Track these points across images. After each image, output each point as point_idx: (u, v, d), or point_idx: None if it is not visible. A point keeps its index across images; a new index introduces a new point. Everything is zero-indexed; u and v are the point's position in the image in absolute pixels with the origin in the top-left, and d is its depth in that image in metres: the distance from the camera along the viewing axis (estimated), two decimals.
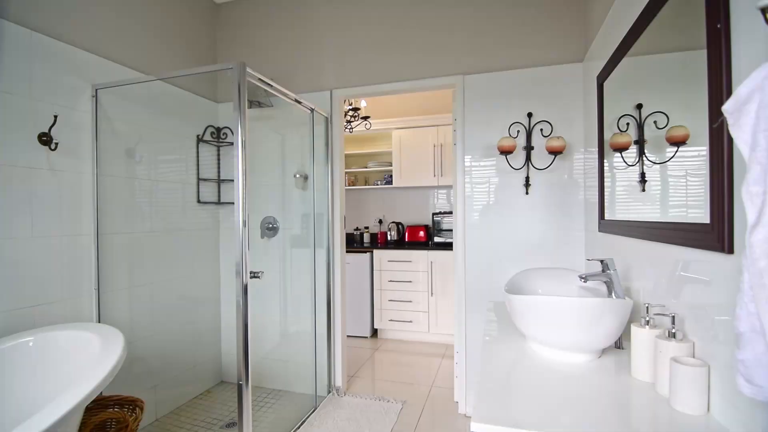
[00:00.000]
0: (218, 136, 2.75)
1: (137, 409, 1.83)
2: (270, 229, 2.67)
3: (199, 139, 2.62)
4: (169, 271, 2.40)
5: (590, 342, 1.12)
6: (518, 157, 2.24)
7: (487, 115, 2.32)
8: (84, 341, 1.49)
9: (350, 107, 3.66)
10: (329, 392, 2.62)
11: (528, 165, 2.23)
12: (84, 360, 1.42)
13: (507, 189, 2.30)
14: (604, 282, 1.30)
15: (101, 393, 1.81)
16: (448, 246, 3.77)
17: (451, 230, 3.90)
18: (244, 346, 1.61)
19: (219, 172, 2.75)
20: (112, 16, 2.07)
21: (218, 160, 2.75)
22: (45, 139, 1.71)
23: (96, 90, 1.94)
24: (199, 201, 2.62)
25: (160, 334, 2.33)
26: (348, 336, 3.87)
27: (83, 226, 1.91)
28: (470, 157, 2.36)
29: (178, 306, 2.46)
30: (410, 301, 3.80)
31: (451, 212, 4.00)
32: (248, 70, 1.69)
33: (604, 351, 1.21)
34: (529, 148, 2.22)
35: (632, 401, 0.93)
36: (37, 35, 1.71)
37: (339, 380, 2.64)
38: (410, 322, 3.80)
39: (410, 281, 3.80)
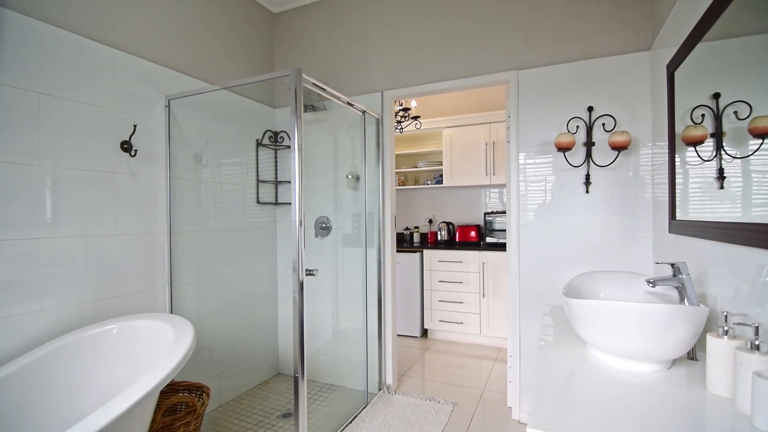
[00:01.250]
0: (275, 140, 2.88)
1: (204, 394, 1.98)
2: (323, 228, 2.75)
3: (258, 143, 2.76)
4: (231, 267, 2.56)
5: (658, 351, 1.04)
6: (577, 154, 2.13)
7: (543, 111, 2.24)
8: (159, 330, 1.64)
9: (401, 107, 3.68)
10: (380, 389, 2.65)
11: (588, 162, 2.12)
12: (159, 347, 1.56)
13: (565, 187, 2.20)
14: (675, 287, 1.20)
15: (173, 378, 1.98)
16: (500, 247, 3.67)
17: (503, 230, 3.80)
18: (300, 341, 1.68)
19: (276, 174, 2.89)
20: (182, 31, 2.24)
21: (275, 162, 2.89)
22: (126, 146, 1.90)
23: (169, 100, 2.12)
24: (258, 202, 2.76)
25: (224, 326, 2.49)
26: (398, 335, 3.90)
27: (158, 225, 2.09)
28: (524, 154, 2.29)
29: (239, 300, 2.62)
30: (461, 303, 3.75)
31: (504, 212, 3.89)
32: (303, 75, 1.76)
33: (674, 362, 1.12)
34: (589, 144, 2.11)
35: (707, 417, 0.86)
36: (119, 53, 1.90)
37: (390, 378, 2.67)
38: (461, 323, 3.75)
39: (461, 282, 3.75)
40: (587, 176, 2.13)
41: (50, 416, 1.49)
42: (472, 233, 4.07)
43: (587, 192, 2.14)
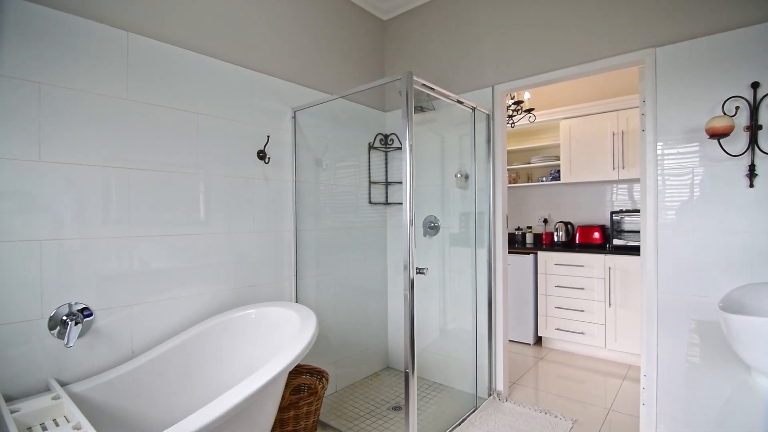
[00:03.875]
0: (386, 143, 3.00)
1: (323, 379, 2.15)
2: (431, 227, 2.77)
3: (370, 146, 2.91)
4: (346, 263, 2.75)
5: None
6: (736, 141, 1.77)
7: (687, 93, 1.91)
8: (288, 317, 1.84)
9: (512, 101, 3.50)
10: (489, 395, 2.57)
11: (753, 149, 1.74)
12: (288, 332, 1.75)
13: (718, 181, 1.84)
14: None
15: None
16: (630, 250, 3.24)
17: (635, 231, 3.35)
18: (411, 337, 1.72)
19: (386, 175, 3.00)
20: (304, 48, 2.48)
21: (386, 164, 3.00)
22: (261, 154, 2.18)
23: (295, 112, 2.37)
24: (370, 202, 2.91)
25: (339, 318, 2.68)
26: (509, 341, 3.72)
27: (285, 224, 2.35)
28: (662, 144, 1.98)
29: (352, 294, 2.79)
30: (582, 311, 3.42)
31: (635, 210, 3.43)
32: (414, 77, 1.79)
33: None
34: (754, 128, 1.73)
35: None
36: (256, 74, 2.19)
37: (500, 385, 2.57)
38: (582, 333, 3.41)
39: (582, 288, 3.41)
40: (751, 167, 1.75)
41: (203, 383, 1.78)
42: (596, 234, 3.68)
43: (751, 186, 1.77)
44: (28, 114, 1.45)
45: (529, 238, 4.14)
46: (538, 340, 3.77)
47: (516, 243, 4.18)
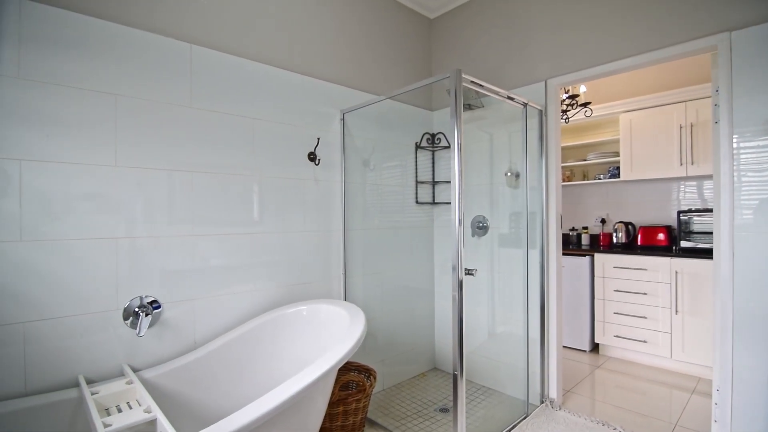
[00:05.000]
0: (433, 142, 2.98)
1: (371, 376, 2.18)
2: (480, 228, 2.71)
3: (417, 146, 2.90)
4: (393, 262, 2.76)
5: None
6: None
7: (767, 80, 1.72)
8: (337, 314, 1.88)
9: (567, 95, 3.34)
10: (542, 402, 2.47)
11: None
12: (338, 329, 1.79)
13: None
14: None
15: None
16: (700, 253, 2.98)
17: (705, 233, 3.07)
18: (459, 339, 1.70)
19: (433, 174, 2.98)
20: (352, 51, 2.52)
21: (432, 163, 2.98)
22: (312, 156, 2.25)
23: (343, 114, 2.42)
24: (416, 202, 2.90)
25: (386, 316, 2.70)
26: (563, 347, 3.56)
27: (334, 223, 2.40)
28: (738, 136, 1.80)
29: (399, 294, 2.80)
30: (645, 318, 3.19)
31: (707, 210, 3.15)
32: (463, 75, 1.77)
33: None
34: None
35: None
36: (307, 78, 2.26)
37: (553, 392, 2.46)
38: (644, 342, 3.19)
39: (645, 293, 3.19)
40: None
41: (257, 375, 1.87)
42: (660, 236, 3.42)
43: None
44: (106, 123, 1.59)
45: (584, 239, 3.93)
46: (595, 347, 3.57)
47: (570, 244, 3.99)
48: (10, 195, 1.40)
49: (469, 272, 1.78)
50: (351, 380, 2.22)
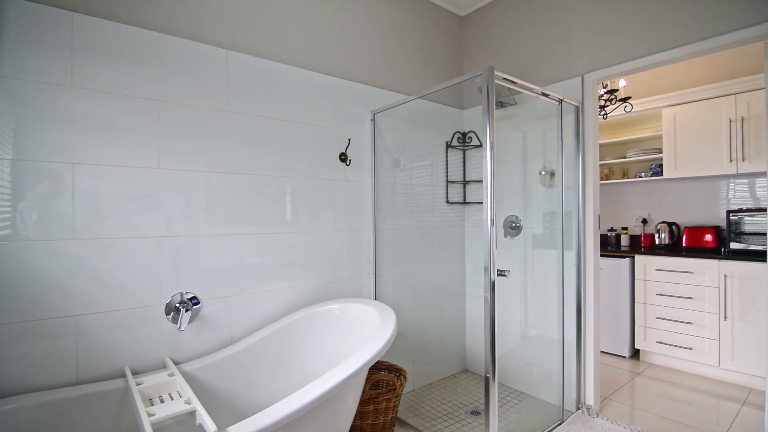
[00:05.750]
0: (464, 141, 2.94)
1: (401, 376, 2.18)
2: (513, 228, 2.66)
3: (448, 145, 2.87)
4: (423, 262, 2.74)
5: None
6: None
7: None
8: (368, 314, 1.89)
9: (605, 90, 3.22)
10: (578, 408, 2.39)
11: None
12: (368, 328, 1.80)
13: None
14: None
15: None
16: (752, 255, 2.79)
17: (758, 234, 2.87)
18: (491, 342, 1.67)
19: (464, 173, 2.94)
20: (382, 51, 2.53)
21: (463, 162, 2.95)
22: (343, 157, 2.27)
23: (374, 114, 2.43)
24: (447, 201, 2.88)
25: (417, 317, 2.69)
26: (601, 351, 3.44)
27: (365, 223, 2.42)
28: None
29: (429, 294, 2.78)
30: (690, 323, 3.02)
31: (760, 209, 2.94)
32: (495, 72, 1.73)
33: None
34: None
35: None
36: (338, 80, 2.29)
37: (590, 398, 2.38)
38: (689, 349, 3.02)
39: (690, 297, 3.02)
40: None
41: (291, 370, 1.91)
42: (707, 237, 3.23)
43: None
44: (150, 127, 1.68)
45: (624, 240, 3.77)
46: (635, 353, 3.41)
47: (609, 245, 3.83)
48: (64, 196, 1.50)
49: (501, 273, 1.75)
50: (381, 379, 2.22)
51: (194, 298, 1.78)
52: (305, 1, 2.17)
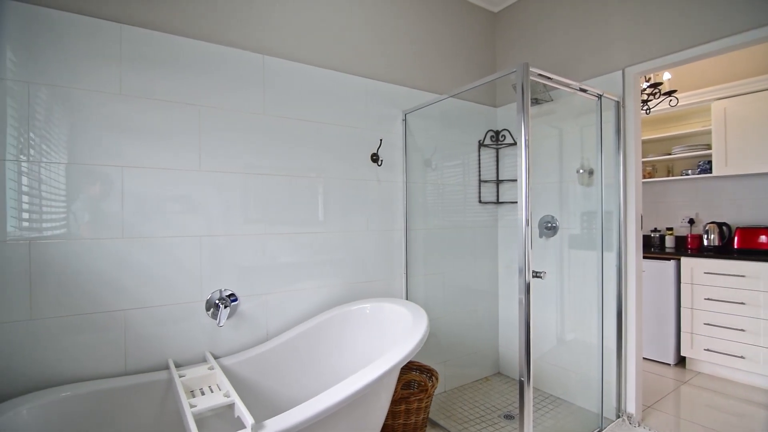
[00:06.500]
0: (497, 139, 2.88)
1: (433, 377, 2.17)
2: (549, 228, 2.58)
3: (480, 144, 2.82)
4: (455, 263, 2.71)
5: None
6: None
7: None
8: (400, 313, 1.89)
9: (647, 83, 3.07)
10: (618, 417, 2.29)
11: None
12: (400, 328, 1.80)
13: None
14: None
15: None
16: None
17: None
18: (526, 345, 1.63)
19: (497, 172, 2.89)
20: (414, 51, 2.52)
21: (497, 161, 2.89)
22: (374, 157, 2.28)
23: (405, 114, 2.43)
24: (480, 201, 2.83)
25: (449, 317, 2.66)
26: (643, 358, 3.28)
27: (396, 223, 2.42)
28: None
29: (461, 295, 2.75)
30: (742, 330, 2.83)
31: None
32: (530, 68, 1.69)
33: None
34: None
35: None
36: (370, 81, 2.30)
37: (631, 407, 2.27)
38: (741, 357, 2.83)
39: (743, 303, 2.83)
40: None
41: (323, 368, 1.94)
42: (763, 238, 3.01)
43: None
44: (191, 131, 1.75)
45: (669, 242, 3.58)
46: (681, 361, 3.23)
47: (652, 247, 3.65)
48: (114, 197, 1.59)
49: (537, 275, 1.70)
50: (413, 379, 2.22)
51: (232, 295, 1.84)
52: (338, 4, 2.20)
